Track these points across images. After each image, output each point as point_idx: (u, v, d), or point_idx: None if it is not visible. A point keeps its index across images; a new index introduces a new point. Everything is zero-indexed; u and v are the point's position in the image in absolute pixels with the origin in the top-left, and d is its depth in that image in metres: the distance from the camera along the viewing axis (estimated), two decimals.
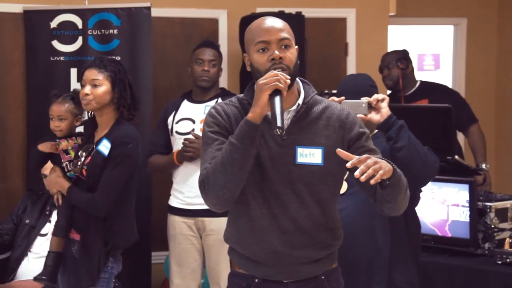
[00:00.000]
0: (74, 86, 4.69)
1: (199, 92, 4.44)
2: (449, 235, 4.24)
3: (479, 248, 4.18)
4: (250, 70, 2.60)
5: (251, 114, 2.45)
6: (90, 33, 4.95)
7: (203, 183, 2.50)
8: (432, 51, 8.09)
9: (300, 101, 2.59)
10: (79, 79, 3.78)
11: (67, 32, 4.96)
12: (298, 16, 5.15)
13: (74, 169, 3.67)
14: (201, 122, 4.00)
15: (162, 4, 5.36)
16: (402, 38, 7.42)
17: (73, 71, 4.89)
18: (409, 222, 3.44)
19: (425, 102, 5.25)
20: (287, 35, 2.55)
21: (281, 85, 2.43)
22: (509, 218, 4.26)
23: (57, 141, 3.84)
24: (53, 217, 4.33)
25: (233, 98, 2.67)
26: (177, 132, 4.39)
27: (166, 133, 4.44)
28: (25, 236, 4.53)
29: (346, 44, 5.91)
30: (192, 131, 4.31)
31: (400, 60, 5.39)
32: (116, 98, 3.59)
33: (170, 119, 4.43)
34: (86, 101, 3.57)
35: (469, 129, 5.38)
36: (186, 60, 4.65)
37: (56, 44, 4.97)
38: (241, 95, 2.66)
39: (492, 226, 4.18)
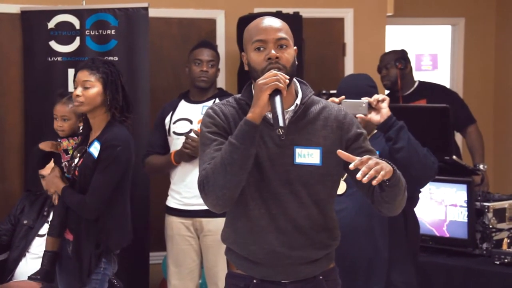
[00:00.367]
0: (72, 87, 4.50)
1: (197, 93, 4.43)
2: (447, 235, 4.24)
3: (477, 248, 4.18)
4: (248, 69, 2.59)
5: (251, 114, 2.44)
6: (88, 34, 4.94)
7: (203, 184, 2.49)
8: (430, 51, 8.05)
9: (298, 101, 2.58)
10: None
11: (65, 33, 4.95)
12: (296, 16, 5.14)
13: (68, 170, 3.68)
14: (199, 123, 4.01)
15: (160, 5, 5.36)
16: (400, 38, 7.39)
17: (71, 72, 4.73)
18: (408, 223, 3.43)
19: (423, 102, 5.24)
20: (285, 35, 2.54)
21: (281, 85, 2.42)
22: (507, 218, 4.25)
23: (59, 141, 3.84)
24: (51, 218, 4.27)
25: (230, 99, 2.67)
26: (175, 133, 4.38)
27: (164, 134, 4.43)
28: (23, 237, 4.52)
29: (344, 44, 5.91)
30: (190, 131, 4.28)
31: (399, 60, 5.37)
32: (108, 100, 3.57)
33: (168, 119, 4.42)
34: (78, 103, 3.56)
35: (467, 130, 5.36)
36: (184, 61, 4.64)
37: (54, 45, 4.95)
38: (238, 95, 2.65)
39: (490, 226, 4.17)
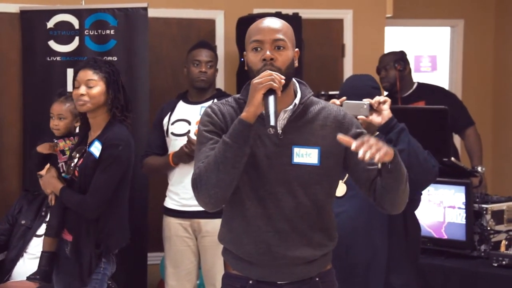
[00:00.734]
0: (71, 87, 4.47)
1: (195, 93, 4.42)
2: (445, 237, 4.22)
3: (475, 250, 4.16)
4: (247, 69, 2.60)
5: (245, 113, 2.44)
6: (87, 33, 4.93)
7: (195, 182, 2.50)
8: (429, 53, 8.07)
9: (297, 101, 2.58)
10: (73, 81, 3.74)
11: (64, 32, 4.94)
12: (295, 17, 5.12)
13: (67, 171, 3.67)
14: (197, 123, 3.97)
15: (159, 5, 5.35)
16: (399, 40, 7.40)
17: (70, 72, 4.79)
18: (408, 225, 3.40)
19: (422, 104, 5.23)
20: (282, 37, 2.54)
21: (275, 85, 2.42)
22: (505, 220, 4.23)
23: (55, 141, 3.83)
24: (48, 218, 4.28)
25: (230, 98, 2.67)
26: (173, 133, 4.38)
27: (162, 134, 4.43)
28: (21, 237, 4.51)
29: (343, 45, 5.91)
30: (189, 132, 4.28)
31: (398, 62, 5.37)
32: (110, 99, 3.58)
33: (166, 120, 4.41)
34: (82, 102, 3.55)
35: (466, 132, 5.36)
36: (183, 61, 4.63)
37: (53, 44, 4.95)
38: (238, 95, 2.65)
39: (488, 228, 4.16)
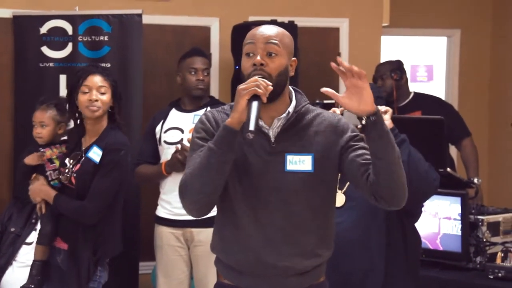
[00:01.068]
0: (63, 93, 4.65)
1: (189, 101, 4.39)
2: (441, 249, 4.20)
3: (471, 262, 4.14)
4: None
5: (230, 119, 2.44)
6: (80, 40, 4.92)
7: (181, 188, 2.52)
8: (425, 62, 8.09)
9: (291, 109, 2.57)
10: (73, 86, 3.76)
11: (57, 38, 4.92)
12: (291, 25, 5.10)
13: (62, 178, 3.64)
14: (190, 132, 3.99)
15: (154, 12, 5.33)
16: (395, 49, 7.43)
17: (62, 78, 4.85)
18: (408, 238, 3.36)
19: (419, 114, 5.22)
20: (276, 42, 2.53)
21: (260, 91, 2.41)
22: (501, 232, 4.21)
23: (41, 150, 3.83)
24: (39, 226, 4.23)
25: (226, 106, 2.66)
26: (166, 142, 4.34)
27: (154, 143, 4.39)
28: (10, 245, 4.43)
29: (339, 54, 5.86)
30: (182, 140, 4.26)
31: (394, 71, 5.37)
32: (114, 106, 3.66)
33: (158, 128, 4.38)
34: (96, 108, 3.60)
35: (462, 143, 5.35)
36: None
37: (46, 50, 4.93)
38: (233, 103, 2.62)
39: (484, 240, 4.14)
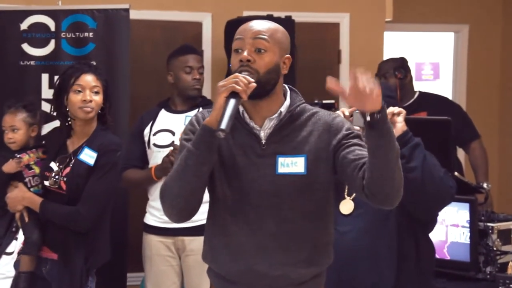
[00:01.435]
0: (46, 93, 4.58)
1: (182, 102, 4.30)
2: (448, 258, 4.09)
3: (480, 272, 4.03)
4: None
5: (208, 118, 2.39)
6: (64, 36, 4.77)
7: (161, 191, 2.48)
8: (431, 60, 8.10)
9: (283, 109, 2.51)
10: (63, 85, 3.67)
11: (39, 35, 4.78)
12: (288, 21, 5.10)
13: (49, 182, 3.56)
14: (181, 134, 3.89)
15: (142, 6, 5.30)
16: (399, 45, 7.40)
17: (45, 77, 4.72)
18: (421, 248, 3.27)
19: (424, 115, 5.13)
20: (265, 38, 2.47)
21: (239, 88, 2.35)
22: None
23: (18, 156, 3.75)
24: (20, 235, 4.17)
25: None
26: (155, 145, 4.24)
27: (142, 146, 4.30)
28: None
29: (339, 51, 5.93)
30: (172, 143, 4.16)
31: (398, 69, 5.29)
32: (104, 107, 3.64)
33: (147, 131, 4.29)
34: (90, 109, 3.56)
35: (471, 145, 5.28)
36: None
37: (27, 48, 4.78)
38: None
39: (494, 249, 4.03)
